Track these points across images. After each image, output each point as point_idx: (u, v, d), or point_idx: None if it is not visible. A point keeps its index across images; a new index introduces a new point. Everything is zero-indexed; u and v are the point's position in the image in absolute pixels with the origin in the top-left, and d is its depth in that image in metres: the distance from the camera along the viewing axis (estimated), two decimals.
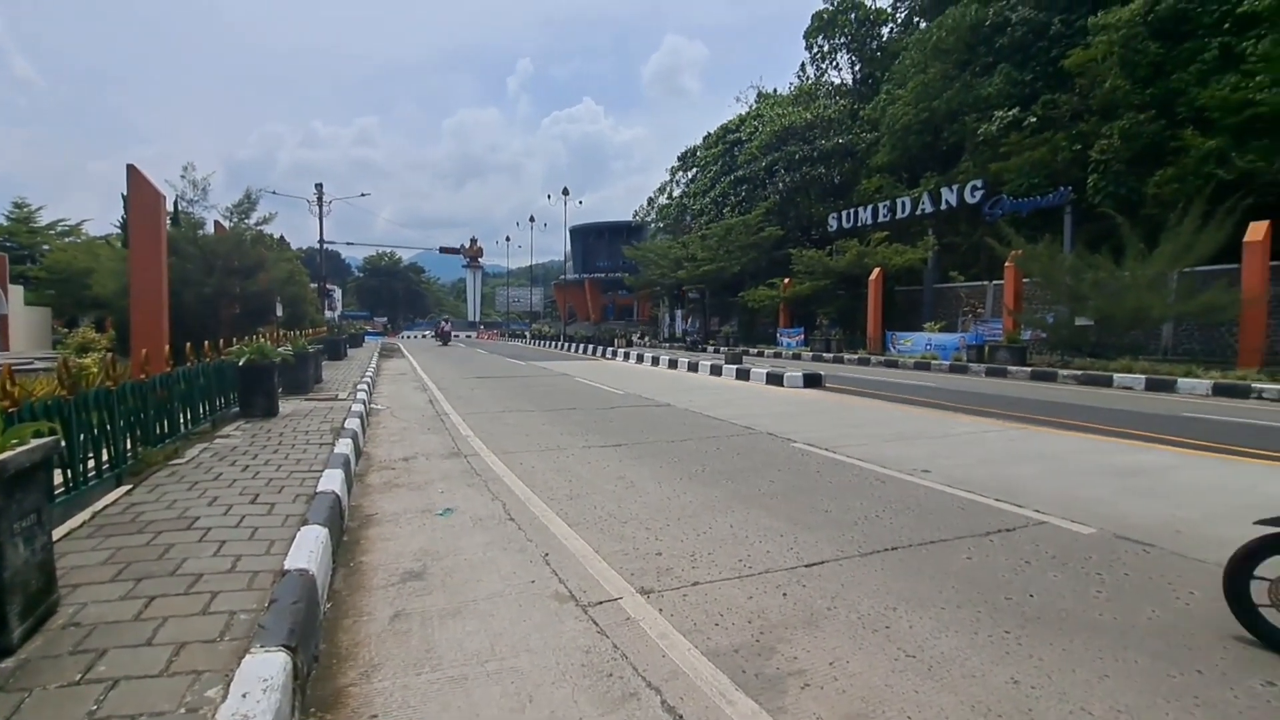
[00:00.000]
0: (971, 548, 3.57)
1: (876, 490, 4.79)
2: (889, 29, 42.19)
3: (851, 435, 7.13)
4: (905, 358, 21.38)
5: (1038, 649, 2.44)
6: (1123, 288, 16.35)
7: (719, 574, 3.16)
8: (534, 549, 3.52)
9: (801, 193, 37.04)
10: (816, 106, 39.67)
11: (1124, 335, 17.35)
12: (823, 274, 29.11)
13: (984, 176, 25.55)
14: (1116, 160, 20.99)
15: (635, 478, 5.16)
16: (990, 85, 27.91)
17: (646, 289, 46.99)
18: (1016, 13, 27.58)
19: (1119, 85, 21.54)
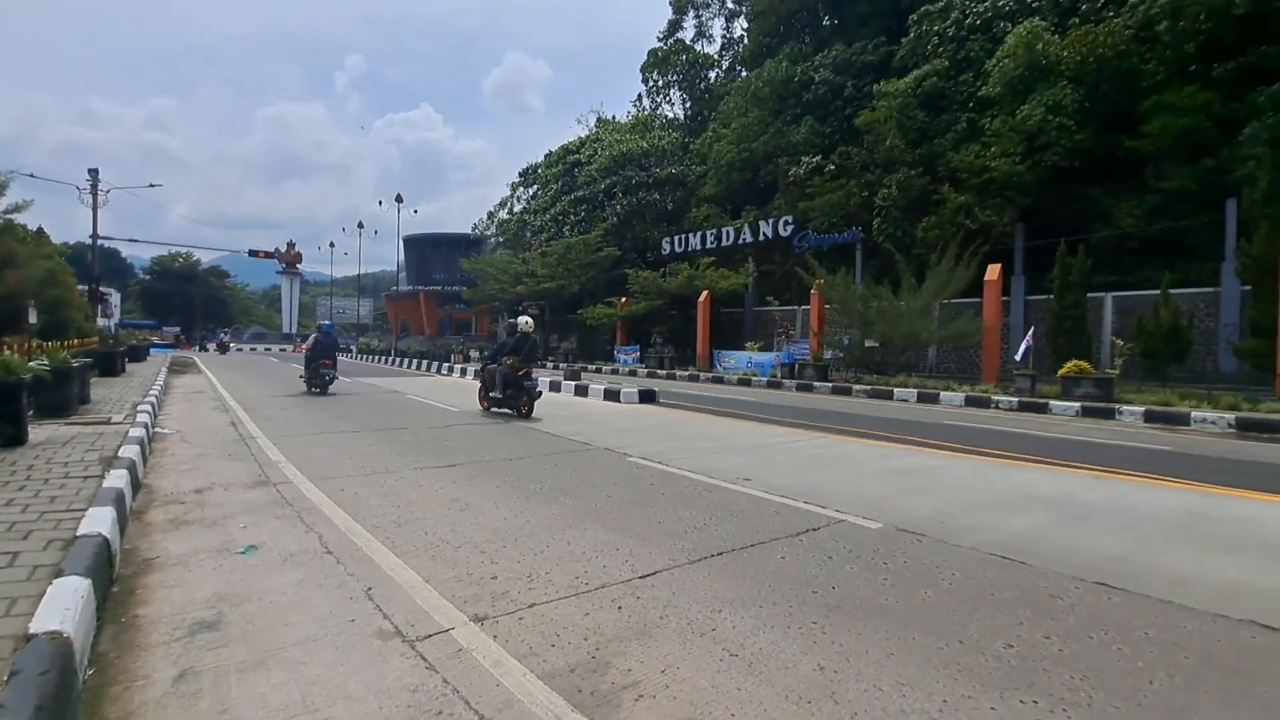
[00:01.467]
0: (785, 548, 3.87)
1: (705, 500, 5.04)
2: (715, 73, 45.47)
3: (683, 448, 7.45)
4: (730, 374, 22.87)
5: (839, 636, 2.69)
6: (899, 315, 18.90)
7: (555, 593, 3.12)
8: (355, 584, 3.23)
9: (638, 216, 38.40)
10: (652, 136, 41.51)
11: (901, 355, 20.04)
12: (657, 294, 30.31)
13: (794, 213, 28.27)
14: (894, 207, 24.28)
15: (471, 499, 4.95)
16: (798, 134, 31.05)
17: (485, 303, 45.78)
18: (819, 74, 31.03)
19: (896, 144, 25.00)
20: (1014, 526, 4.40)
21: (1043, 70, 21.75)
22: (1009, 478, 6.14)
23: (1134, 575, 3.47)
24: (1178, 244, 19.22)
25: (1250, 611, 3.00)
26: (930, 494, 5.35)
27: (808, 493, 5.26)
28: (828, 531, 4.24)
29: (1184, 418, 11.26)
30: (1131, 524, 4.53)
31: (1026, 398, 13.93)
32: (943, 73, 25.36)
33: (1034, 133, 20.89)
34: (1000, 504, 5.05)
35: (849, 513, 4.67)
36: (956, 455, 7.39)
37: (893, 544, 3.99)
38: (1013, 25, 23.45)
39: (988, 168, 21.25)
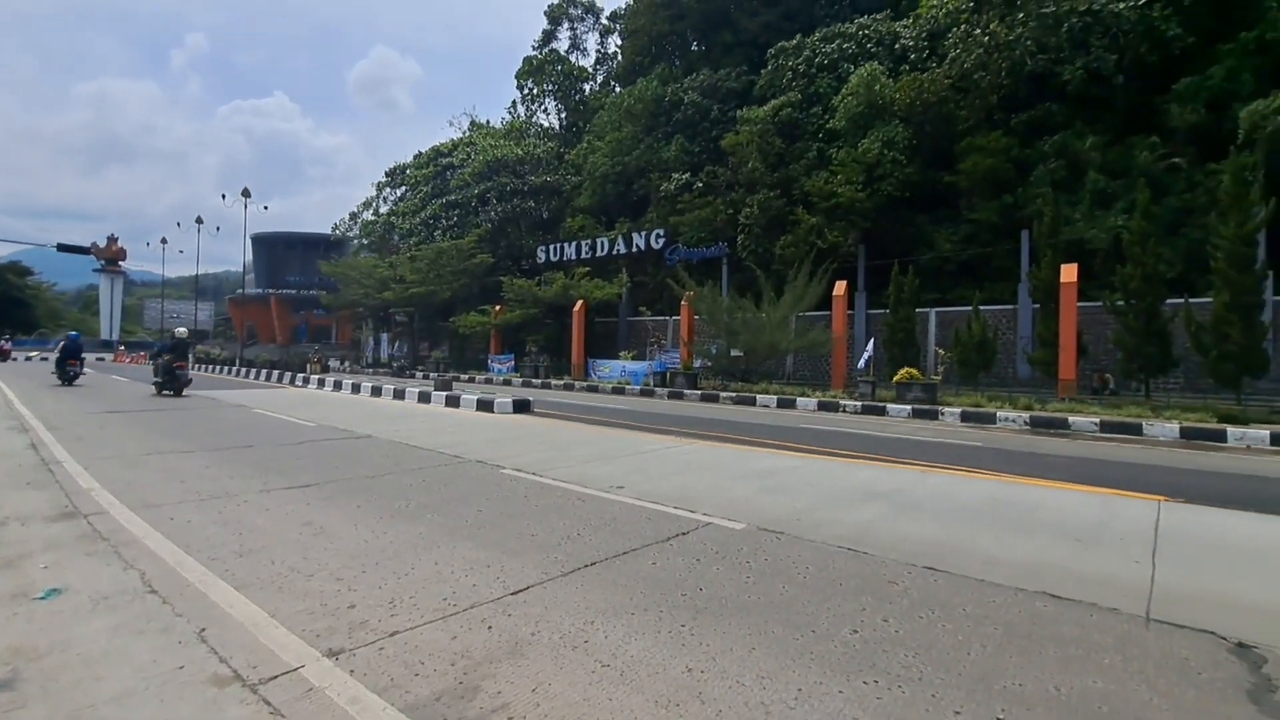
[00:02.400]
0: (656, 554, 3.95)
1: (578, 510, 5.02)
2: (590, 86, 45.88)
3: (557, 458, 7.39)
4: (604, 383, 23.05)
5: (706, 636, 2.79)
6: (761, 326, 20.06)
7: (421, 618, 2.96)
8: (185, 625, 2.86)
9: (513, 223, 37.75)
10: (527, 144, 41.05)
11: (763, 363, 21.26)
12: (532, 303, 29.92)
13: (666, 227, 29.13)
14: (756, 225, 25.77)
15: (327, 522, 4.58)
16: (669, 151, 32.09)
17: (348, 309, 42.76)
18: (688, 96, 32.30)
19: (757, 167, 26.57)
20: (857, 520, 4.80)
21: (880, 109, 24.13)
22: (853, 475, 6.69)
23: (954, 558, 3.91)
24: (986, 267, 22.05)
25: (1043, 584, 3.48)
26: (788, 493, 5.70)
27: (678, 498, 5.41)
28: (696, 535, 4.38)
29: (991, 417, 12.90)
30: (951, 512, 5.11)
31: (868, 402, 15.29)
32: (797, 104, 27.36)
33: (873, 164, 23.09)
34: (846, 500, 5.49)
35: (716, 515, 4.85)
36: (810, 456, 7.95)
37: (755, 543, 4.21)
38: (855, 67, 25.81)
39: (835, 193, 23.17)
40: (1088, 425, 11.75)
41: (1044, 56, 21.35)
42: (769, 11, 33.08)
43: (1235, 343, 13.18)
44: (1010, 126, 22.51)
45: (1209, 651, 2.73)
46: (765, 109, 27.42)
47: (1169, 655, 2.69)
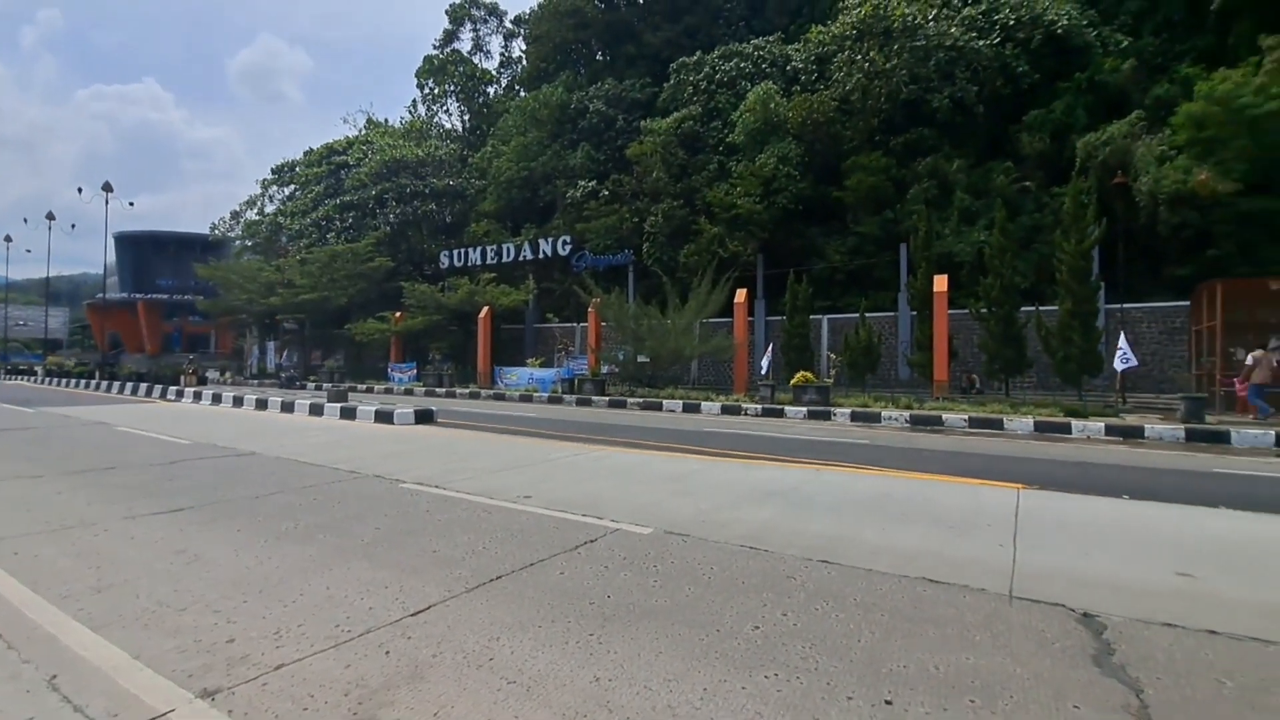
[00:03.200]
0: (564, 563, 3.90)
1: (484, 522, 4.88)
2: (494, 89, 45.01)
3: (462, 470, 7.15)
4: (512, 391, 22.61)
5: (615, 644, 2.78)
6: (667, 332, 20.43)
7: (311, 647, 2.76)
8: (33, 673, 2.52)
9: (414, 227, 36.32)
10: (429, 145, 39.63)
11: (669, 369, 21.66)
12: (435, 309, 28.88)
13: (572, 233, 29.04)
14: (661, 234, 26.24)
15: (203, 549, 4.19)
16: (575, 158, 32.05)
17: (228, 316, 39.45)
18: (594, 104, 32.43)
19: (661, 177, 27.08)
20: (758, 519, 4.97)
21: (775, 126, 25.27)
22: (754, 476, 6.93)
23: (845, 551, 4.13)
24: (870, 276, 23.60)
25: (923, 570, 3.75)
26: (693, 496, 5.82)
27: (587, 505, 5.38)
28: (604, 542, 4.38)
29: (877, 416, 13.79)
30: (842, 507, 5.40)
31: (768, 404, 15.92)
32: (698, 118, 28.16)
33: (769, 178, 24.14)
34: (748, 500, 5.68)
35: (624, 521, 4.87)
36: (714, 459, 8.16)
37: (662, 547, 4.25)
38: (751, 85, 26.91)
39: (735, 205, 24.02)
40: (958, 422, 12.82)
41: (916, 86, 23.19)
42: (671, 27, 33.89)
43: (1077, 346, 14.85)
44: (889, 148, 24.26)
45: (1060, 622, 3.04)
46: (668, 121, 28.02)
47: (1028, 628, 2.97)
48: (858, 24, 23.94)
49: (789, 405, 15.56)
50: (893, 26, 23.21)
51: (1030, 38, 22.21)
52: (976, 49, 22.47)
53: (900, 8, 23.34)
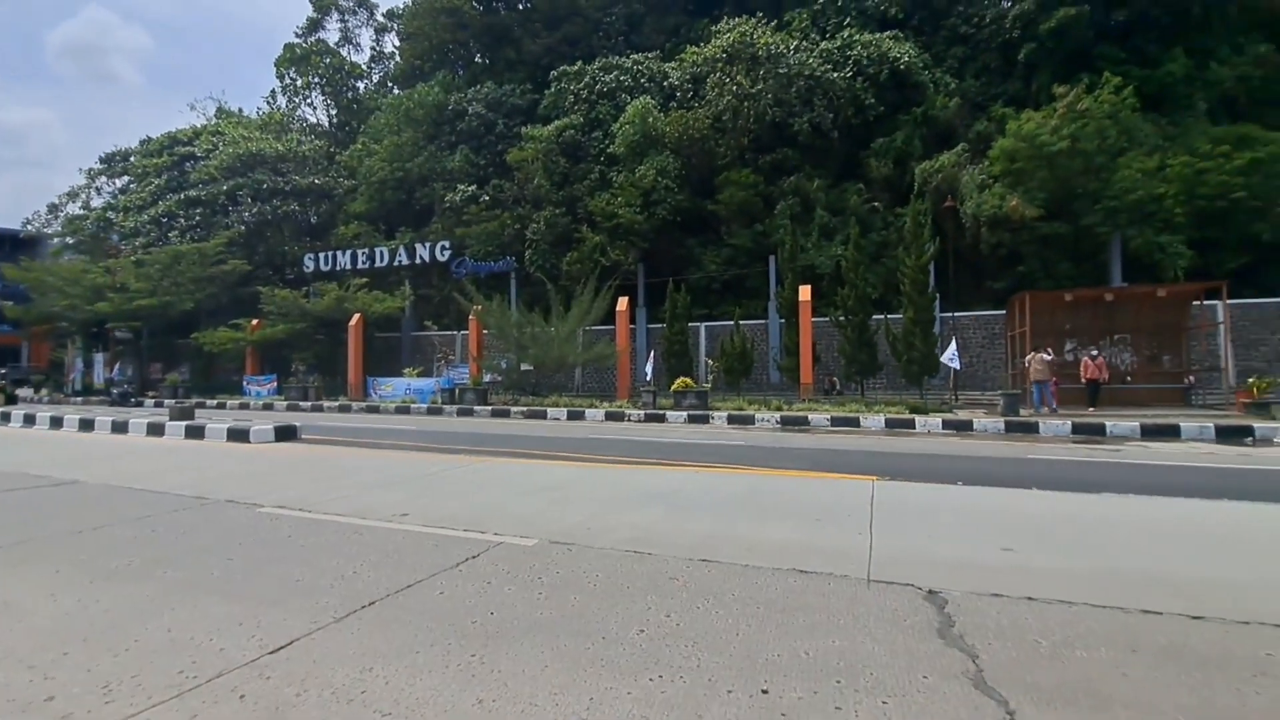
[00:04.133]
0: (444, 582, 3.73)
1: (355, 544, 4.55)
2: (364, 84, 42.47)
3: (331, 489, 6.63)
4: (387, 403, 21.35)
5: (499, 662, 2.69)
6: (550, 340, 20.28)
7: (148, 699, 2.42)
8: None
9: (273, 227, 33.37)
10: (290, 139, 36.61)
11: (553, 377, 21.50)
12: (299, 316, 26.66)
13: (451, 238, 28.04)
14: (543, 241, 26.02)
15: (12, 595, 3.56)
16: (454, 161, 31.00)
17: (45, 325, 33.99)
18: (473, 107, 31.56)
19: (543, 184, 26.87)
20: (642, 522, 5.04)
21: (653, 140, 25.93)
22: (637, 480, 7.03)
23: (724, 548, 4.29)
24: (744, 286, 24.83)
25: (793, 562, 3.97)
26: (578, 504, 5.79)
27: (469, 519, 5.18)
28: (487, 556, 4.24)
29: (751, 419, 14.51)
30: (720, 506, 5.62)
31: (650, 410, 16.24)
32: (579, 127, 28.25)
33: (649, 189, 24.71)
34: (631, 504, 5.74)
35: (508, 534, 4.74)
36: (599, 465, 8.18)
37: (547, 557, 4.19)
38: (631, 98, 27.44)
39: (616, 214, 24.34)
40: (822, 421, 13.80)
41: (780, 109, 24.77)
42: (551, 35, 33.77)
43: (919, 350, 16.51)
44: (759, 165, 25.70)
45: (910, 600, 3.35)
46: (550, 128, 27.88)
47: (884, 608, 3.24)
48: (728, 48, 25.18)
49: (670, 410, 15.97)
50: (759, 53, 24.65)
51: (878, 73, 24.48)
52: (832, 80, 24.40)
53: (765, 37, 24.85)
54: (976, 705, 2.29)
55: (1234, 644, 2.81)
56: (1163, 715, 2.23)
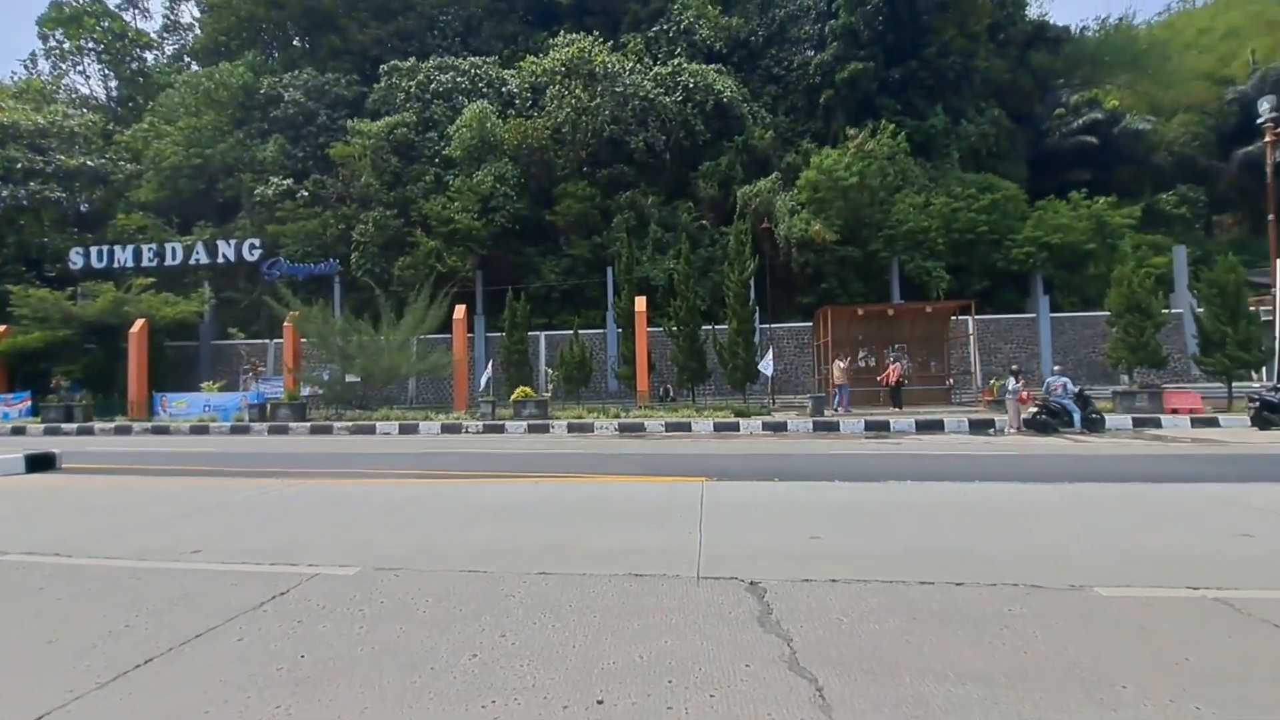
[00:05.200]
0: (245, 626, 3.25)
1: (131, 591, 3.82)
2: (154, 56, 36.53)
3: (101, 527, 5.53)
4: (180, 422, 18.41)
5: (308, 710, 2.39)
6: (380, 349, 18.86)
7: None
8: None
9: (28, 214, 27.42)
10: (54, 111, 30.31)
11: (384, 389, 20.01)
12: (62, 322, 22.09)
13: (262, 236, 25.03)
14: (372, 244, 24.21)
15: None
16: (266, 151, 27.75)
17: None
18: (290, 93, 28.49)
19: (372, 183, 25.02)
20: (479, 539, 4.82)
21: (492, 145, 25.32)
22: (475, 495, 6.74)
23: (563, 559, 4.23)
24: (582, 296, 25.09)
25: (630, 566, 4.02)
26: (411, 525, 5.40)
27: (278, 551, 4.60)
28: (299, 591, 3.78)
29: (590, 427, 14.65)
30: (560, 517, 5.56)
31: (489, 421, 15.73)
32: (412, 125, 26.73)
33: (487, 196, 24.06)
34: (469, 521, 5.48)
35: (325, 564, 4.27)
36: (434, 481, 7.72)
37: (370, 586, 3.83)
38: (468, 101, 26.55)
39: (452, 219, 23.35)
40: (658, 427, 14.32)
41: (617, 126, 25.49)
42: (380, 26, 31.62)
43: (742, 358, 17.82)
44: (596, 179, 26.18)
45: (734, 593, 3.54)
46: (379, 124, 26.05)
47: (711, 603, 3.39)
48: (566, 62, 25.38)
49: (510, 420, 15.59)
50: (596, 70, 25.15)
51: (705, 101, 26.14)
52: (664, 103, 25.61)
53: (602, 56, 25.43)
54: (791, 686, 2.47)
55: (986, 604, 3.34)
56: (937, 673, 2.57)
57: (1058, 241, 22.78)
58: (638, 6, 30.89)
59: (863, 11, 25.77)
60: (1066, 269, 23.61)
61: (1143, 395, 15.26)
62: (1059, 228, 23.02)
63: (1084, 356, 21.96)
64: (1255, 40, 38.12)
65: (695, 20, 29.07)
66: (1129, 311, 16.20)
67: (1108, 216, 23.46)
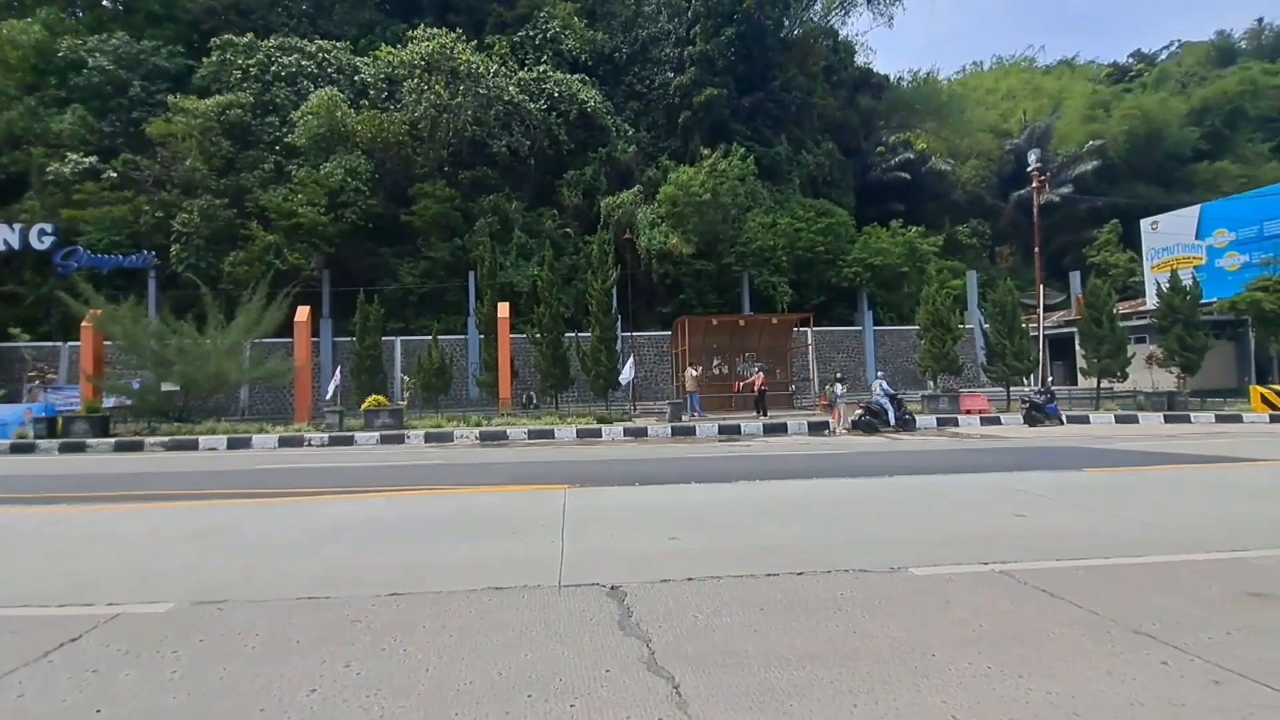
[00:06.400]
0: (25, 680, 2.69)
1: None
2: None
3: None
4: None
5: None
6: (205, 354, 16.66)
7: None
8: None
9: None
10: None
11: (209, 399, 17.67)
12: None
13: (56, 221, 21.12)
14: (198, 235, 21.37)
15: None
16: (64, 122, 23.53)
17: None
18: (96, 59, 24.37)
19: (198, 167, 22.12)
20: (322, 562, 4.40)
21: (342, 136, 23.44)
22: (319, 514, 6.16)
23: (419, 578, 3.98)
24: (442, 300, 24.00)
25: (490, 579, 3.87)
26: (238, 551, 4.79)
27: (68, 589, 3.87)
28: (96, 635, 3.20)
29: (450, 436, 14.02)
30: (417, 533, 5.23)
31: (336, 432, 14.47)
32: (249, 108, 24.01)
33: (336, 190, 22.22)
34: (310, 542, 4.99)
35: (130, 601, 3.66)
36: (270, 501, 6.93)
37: (187, 624, 3.34)
38: (316, 86, 24.37)
39: (296, 213, 21.27)
40: (520, 435, 14.04)
41: (480, 128, 24.77)
42: None
43: (604, 365, 18.03)
44: (459, 180, 25.21)
45: (595, 599, 3.55)
46: (210, 102, 23.09)
47: (573, 611, 3.36)
48: (427, 56, 24.21)
49: (360, 431, 14.46)
50: (460, 69, 24.26)
51: (570, 111, 26.19)
52: (529, 109, 25.31)
53: (465, 54, 24.59)
54: (650, 686, 2.52)
55: (823, 590, 3.64)
56: (781, 659, 2.75)
57: (879, 263, 25.71)
58: (503, 10, 30.28)
59: (717, 42, 27.35)
60: (886, 288, 26.71)
61: (944, 398, 17.65)
62: (880, 251, 26.00)
63: (900, 365, 24.93)
64: (1026, 102, 45.96)
65: (561, 30, 29.09)
66: (934, 326, 18.67)
67: (918, 243, 26.93)
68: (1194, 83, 46.47)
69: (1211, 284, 23.92)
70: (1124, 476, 7.70)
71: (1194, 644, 2.80)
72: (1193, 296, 19.25)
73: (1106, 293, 19.32)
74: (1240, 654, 2.69)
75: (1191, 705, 2.28)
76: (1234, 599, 3.38)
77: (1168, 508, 5.76)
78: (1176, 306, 18.97)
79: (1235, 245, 25.54)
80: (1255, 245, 24.72)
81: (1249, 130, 41.52)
